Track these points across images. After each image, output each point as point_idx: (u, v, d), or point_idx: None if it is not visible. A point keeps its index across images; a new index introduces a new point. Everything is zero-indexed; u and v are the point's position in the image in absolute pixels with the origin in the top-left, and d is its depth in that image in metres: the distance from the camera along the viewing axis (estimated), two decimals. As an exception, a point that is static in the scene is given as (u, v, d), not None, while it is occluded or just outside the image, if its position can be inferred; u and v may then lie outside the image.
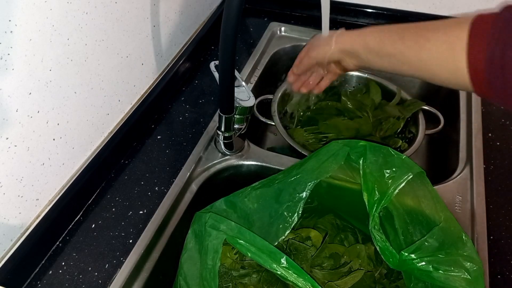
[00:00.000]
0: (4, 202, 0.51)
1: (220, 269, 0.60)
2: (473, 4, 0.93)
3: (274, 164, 0.71)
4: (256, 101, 0.80)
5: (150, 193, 0.65)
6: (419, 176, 0.53)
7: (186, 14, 0.85)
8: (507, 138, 0.76)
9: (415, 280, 0.50)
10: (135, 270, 0.57)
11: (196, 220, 0.52)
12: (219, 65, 0.54)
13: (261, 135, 0.97)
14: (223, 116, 0.63)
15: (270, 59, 0.93)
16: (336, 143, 0.56)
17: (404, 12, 0.97)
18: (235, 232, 0.48)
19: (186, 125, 0.76)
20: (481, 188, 0.66)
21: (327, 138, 0.84)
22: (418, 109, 0.81)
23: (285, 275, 0.45)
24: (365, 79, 0.90)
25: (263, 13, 1.06)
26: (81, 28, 0.56)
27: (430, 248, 0.48)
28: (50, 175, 0.58)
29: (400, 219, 0.53)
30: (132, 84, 0.71)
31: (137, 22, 0.68)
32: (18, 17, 0.46)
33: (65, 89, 0.56)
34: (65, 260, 0.57)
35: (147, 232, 0.60)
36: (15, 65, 0.47)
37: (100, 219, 0.62)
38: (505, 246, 0.60)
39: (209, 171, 0.70)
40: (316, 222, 0.68)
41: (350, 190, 0.59)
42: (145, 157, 0.71)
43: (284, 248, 0.64)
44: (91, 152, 0.65)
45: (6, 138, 0.49)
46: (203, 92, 0.84)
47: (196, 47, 0.88)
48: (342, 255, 0.64)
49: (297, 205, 0.53)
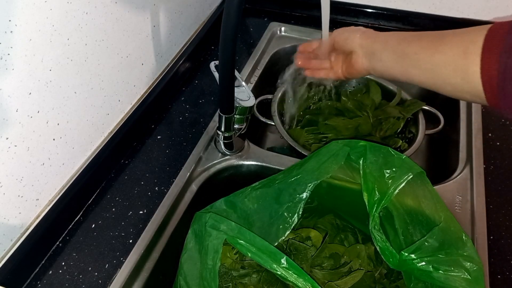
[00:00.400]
0: (4, 202, 0.51)
1: (220, 269, 0.60)
2: (473, 4, 0.93)
3: (274, 164, 0.71)
4: (256, 101, 0.80)
5: (150, 193, 0.65)
6: (419, 176, 0.53)
7: (186, 14, 0.85)
8: (507, 138, 0.76)
9: (415, 280, 0.50)
10: (135, 270, 0.57)
11: (196, 220, 0.52)
12: (219, 65, 0.54)
13: (261, 135, 0.97)
14: (223, 116, 0.63)
15: (270, 59, 0.93)
16: (336, 143, 0.56)
17: (404, 12, 0.97)
18: (235, 232, 0.48)
19: (186, 125, 0.76)
20: (481, 188, 0.66)
21: (327, 138, 0.84)
22: (418, 109, 0.81)
23: (285, 275, 0.45)
24: (365, 79, 0.90)
25: (263, 13, 1.06)
26: (81, 28, 0.56)
27: (430, 248, 0.48)
28: (50, 175, 0.58)
29: (400, 219, 0.53)
30: (132, 84, 0.71)
31: (137, 22, 0.68)
32: (18, 17, 0.46)
33: (65, 89, 0.56)
34: (65, 260, 0.57)
35: (147, 232, 0.60)
36: (15, 65, 0.47)
37: (100, 219, 0.62)
38: (505, 246, 0.60)
39: (209, 171, 0.70)
40: (316, 222, 0.68)
41: (350, 190, 0.59)
42: (145, 157, 0.71)
43: (284, 248, 0.64)
44: (91, 152, 0.65)
45: (6, 138, 0.49)
46: (203, 92, 0.84)
47: (196, 47, 0.88)
48: (342, 255, 0.64)
49: (297, 205, 0.53)
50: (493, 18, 0.93)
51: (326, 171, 0.53)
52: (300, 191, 0.54)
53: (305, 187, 0.53)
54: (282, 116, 0.85)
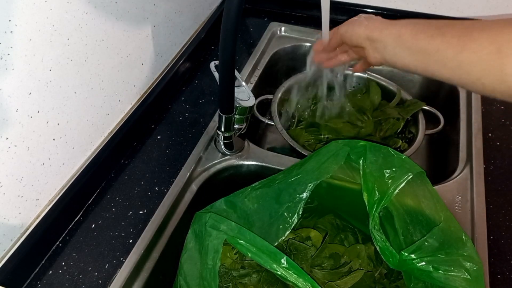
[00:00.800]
0: (4, 202, 0.51)
1: (220, 269, 0.60)
2: (473, 4, 0.93)
3: (274, 164, 0.71)
4: (256, 101, 0.80)
5: (150, 193, 0.65)
6: (419, 176, 0.53)
7: (186, 14, 0.85)
8: (507, 138, 0.76)
9: (415, 280, 0.50)
10: (135, 270, 0.57)
11: (196, 220, 0.52)
12: (219, 65, 0.54)
13: (261, 135, 0.97)
14: (223, 116, 0.63)
15: (270, 59, 0.93)
16: (336, 143, 0.56)
17: (404, 12, 0.97)
18: (235, 232, 0.48)
19: (186, 125, 0.76)
20: (481, 188, 0.66)
21: (327, 138, 0.84)
22: (418, 109, 0.81)
23: (285, 276, 0.45)
24: (365, 79, 0.90)
25: (263, 13, 1.06)
26: (81, 28, 0.56)
27: (430, 248, 0.48)
28: (50, 175, 0.58)
29: (400, 219, 0.53)
30: (132, 84, 0.71)
31: (137, 22, 0.68)
32: (18, 17, 0.46)
33: (65, 89, 0.56)
34: (65, 260, 0.57)
35: (147, 232, 0.60)
36: (15, 65, 0.47)
37: (100, 219, 0.62)
38: (505, 246, 0.60)
39: (209, 171, 0.70)
40: (316, 222, 0.68)
41: (350, 190, 0.59)
42: (145, 157, 0.71)
43: (284, 248, 0.64)
44: (91, 152, 0.65)
45: (6, 138, 0.49)
46: (203, 92, 0.84)
47: (196, 47, 0.88)
48: (342, 255, 0.64)
49: (297, 205, 0.53)
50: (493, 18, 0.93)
51: (326, 171, 0.53)
52: (300, 191, 0.54)
53: (305, 187, 0.53)
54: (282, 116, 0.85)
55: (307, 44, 0.97)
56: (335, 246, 0.65)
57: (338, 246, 0.65)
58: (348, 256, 0.63)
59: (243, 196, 0.55)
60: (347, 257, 0.63)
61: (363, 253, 0.63)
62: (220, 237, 0.48)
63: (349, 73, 0.91)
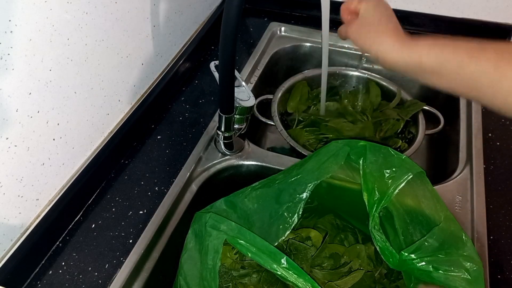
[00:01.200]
0: (4, 202, 0.51)
1: (220, 269, 0.60)
2: (473, 4, 0.93)
3: (274, 164, 0.71)
4: (256, 101, 0.80)
5: (150, 193, 0.65)
6: (419, 176, 0.53)
7: (186, 14, 0.85)
8: (507, 138, 0.76)
9: (415, 280, 0.50)
10: (135, 270, 0.57)
11: (196, 220, 0.52)
12: (219, 65, 0.54)
13: (261, 135, 0.97)
14: (223, 116, 0.63)
15: (270, 59, 0.93)
16: (336, 143, 0.56)
17: (404, 12, 0.97)
18: (235, 232, 0.48)
19: (186, 125, 0.76)
20: (481, 188, 0.66)
21: (327, 138, 0.84)
22: (418, 110, 0.81)
23: (285, 276, 0.45)
24: (365, 79, 0.90)
25: (263, 13, 1.06)
26: (81, 28, 0.56)
27: (430, 248, 0.48)
28: (50, 175, 0.58)
29: (400, 219, 0.53)
30: (132, 84, 0.71)
31: (137, 22, 0.68)
32: (18, 17, 0.46)
33: (65, 89, 0.56)
34: (65, 260, 0.57)
35: (147, 232, 0.60)
36: (15, 65, 0.47)
37: (100, 219, 0.62)
38: (505, 246, 0.60)
39: (209, 171, 0.70)
40: (316, 222, 0.68)
41: (350, 190, 0.59)
42: (145, 157, 0.71)
43: (284, 248, 0.64)
44: (91, 152, 0.65)
45: (6, 138, 0.49)
46: (203, 92, 0.84)
47: (196, 47, 0.88)
48: (342, 255, 0.64)
49: (297, 205, 0.53)
50: (493, 18, 0.93)
51: (326, 171, 0.53)
52: (300, 191, 0.54)
53: (305, 187, 0.53)
54: (282, 116, 0.85)
55: (307, 44, 0.97)
56: (335, 246, 0.65)
57: (338, 246, 0.65)
58: (348, 256, 0.63)
59: (243, 196, 0.55)
60: (347, 257, 0.63)
61: (363, 253, 0.63)
62: (220, 237, 0.48)
63: (349, 74, 0.91)
